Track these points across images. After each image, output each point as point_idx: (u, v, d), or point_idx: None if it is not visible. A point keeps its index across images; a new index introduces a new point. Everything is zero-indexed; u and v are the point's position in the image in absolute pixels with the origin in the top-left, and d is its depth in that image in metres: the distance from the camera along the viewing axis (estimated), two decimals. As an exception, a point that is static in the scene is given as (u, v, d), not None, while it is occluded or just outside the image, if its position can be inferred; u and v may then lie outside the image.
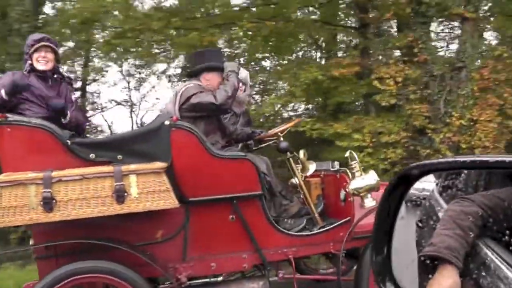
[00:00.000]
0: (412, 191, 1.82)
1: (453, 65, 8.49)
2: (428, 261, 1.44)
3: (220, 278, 3.77)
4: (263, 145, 4.37)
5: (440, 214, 1.97)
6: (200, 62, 4.05)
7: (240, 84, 4.59)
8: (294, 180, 4.25)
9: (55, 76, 3.85)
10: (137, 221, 3.44)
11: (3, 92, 3.42)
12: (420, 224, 2.26)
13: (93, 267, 3.22)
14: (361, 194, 3.91)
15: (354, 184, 3.89)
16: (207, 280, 3.75)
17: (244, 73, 4.71)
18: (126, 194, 3.19)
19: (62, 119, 3.61)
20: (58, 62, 3.90)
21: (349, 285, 4.01)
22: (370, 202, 3.91)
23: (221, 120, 4.10)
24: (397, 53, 9.62)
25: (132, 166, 3.24)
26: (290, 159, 4.19)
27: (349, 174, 3.99)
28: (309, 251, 4.02)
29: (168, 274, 3.53)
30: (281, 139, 4.16)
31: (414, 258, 1.67)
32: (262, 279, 3.88)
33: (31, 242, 3.53)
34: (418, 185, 1.86)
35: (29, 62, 3.67)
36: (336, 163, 4.25)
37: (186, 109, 3.81)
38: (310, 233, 3.95)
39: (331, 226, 3.97)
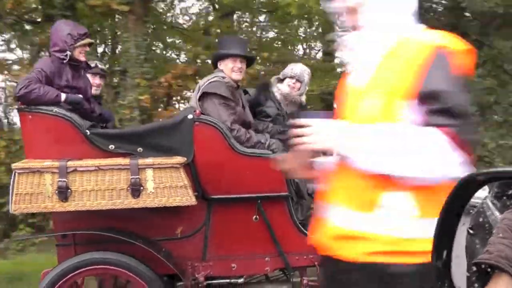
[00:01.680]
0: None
1: (111, 68, 7.34)
2: (482, 269, 1.41)
3: (241, 280, 3.64)
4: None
5: (492, 222, 1.96)
6: (220, 49, 3.89)
7: (294, 81, 4.33)
8: None
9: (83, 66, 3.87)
10: (157, 215, 3.37)
11: (63, 97, 3.41)
12: (471, 231, 2.14)
13: (106, 259, 3.19)
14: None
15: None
16: (228, 281, 3.63)
17: (298, 69, 4.35)
18: (142, 188, 3.13)
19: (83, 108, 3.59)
20: None
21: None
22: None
23: (244, 111, 3.89)
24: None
25: (149, 160, 3.16)
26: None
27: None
28: None
29: (184, 272, 3.44)
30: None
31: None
32: (286, 284, 3.72)
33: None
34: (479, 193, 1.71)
35: (69, 52, 3.66)
36: None
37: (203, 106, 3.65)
38: None
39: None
